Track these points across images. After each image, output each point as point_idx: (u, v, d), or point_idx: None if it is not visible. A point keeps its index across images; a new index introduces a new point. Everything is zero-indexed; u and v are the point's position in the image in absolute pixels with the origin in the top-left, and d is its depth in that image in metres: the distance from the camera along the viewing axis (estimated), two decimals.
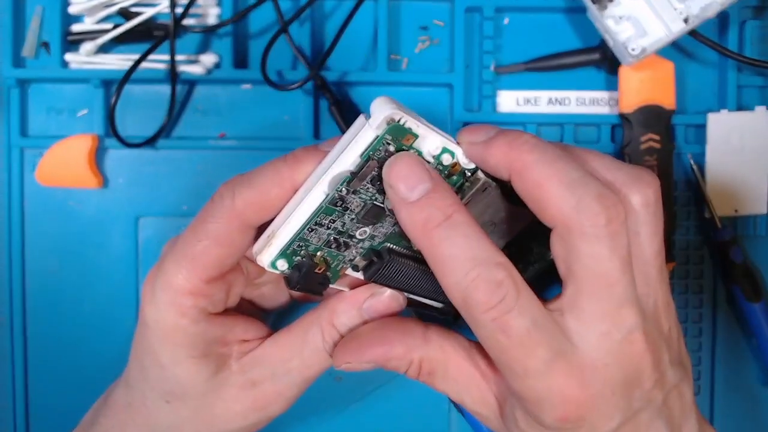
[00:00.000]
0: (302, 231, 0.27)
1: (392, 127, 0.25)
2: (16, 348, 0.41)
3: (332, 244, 0.28)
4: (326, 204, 0.26)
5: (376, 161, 0.26)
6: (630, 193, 0.26)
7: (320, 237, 0.27)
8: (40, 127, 0.42)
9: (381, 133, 0.25)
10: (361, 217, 0.27)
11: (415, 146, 0.26)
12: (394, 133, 0.25)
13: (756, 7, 0.42)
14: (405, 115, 0.25)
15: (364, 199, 0.27)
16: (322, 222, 0.27)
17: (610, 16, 0.38)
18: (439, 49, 0.43)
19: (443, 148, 0.27)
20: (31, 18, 0.41)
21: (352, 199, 0.26)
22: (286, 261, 0.27)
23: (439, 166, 0.27)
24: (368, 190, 0.27)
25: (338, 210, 0.27)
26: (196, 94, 0.42)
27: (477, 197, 0.28)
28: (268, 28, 0.42)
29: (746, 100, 0.42)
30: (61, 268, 0.42)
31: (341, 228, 0.27)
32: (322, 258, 0.28)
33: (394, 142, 0.25)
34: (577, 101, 0.42)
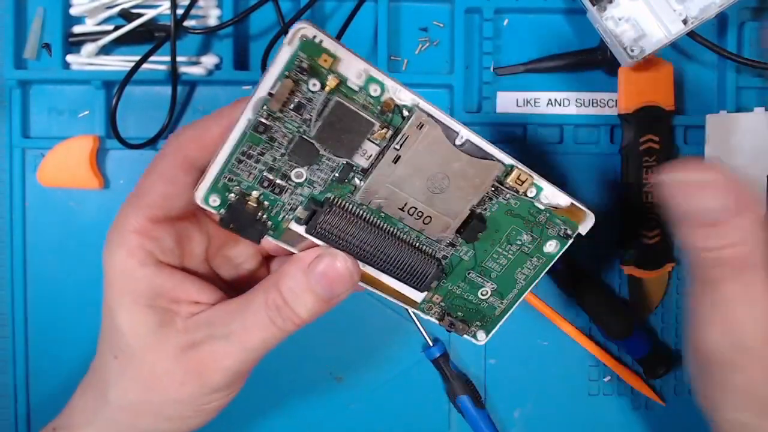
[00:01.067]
0: (230, 161, 0.26)
1: (305, 43, 0.24)
2: (17, 348, 0.42)
3: (265, 182, 0.26)
4: (250, 130, 0.25)
5: (293, 81, 0.24)
6: None
7: (251, 172, 0.26)
8: (41, 128, 0.42)
9: (293, 50, 0.24)
10: (289, 152, 0.26)
11: (337, 70, 0.25)
12: (308, 51, 0.24)
13: (755, 9, 0.42)
14: (320, 34, 0.24)
15: (290, 129, 0.25)
16: (250, 153, 0.26)
17: (610, 18, 0.38)
18: (439, 51, 0.43)
19: (369, 77, 0.25)
20: (33, 19, 0.41)
21: (278, 128, 0.25)
22: (219, 196, 0.26)
23: (368, 99, 0.25)
24: (292, 118, 0.25)
25: (264, 140, 0.25)
26: (197, 95, 0.42)
27: (416, 140, 0.26)
28: (269, 29, 0.42)
29: (745, 101, 0.42)
30: (62, 268, 0.42)
31: (272, 163, 0.26)
32: (257, 199, 0.27)
33: (309, 60, 0.24)
34: (577, 102, 0.42)
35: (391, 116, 0.26)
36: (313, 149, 0.26)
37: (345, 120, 0.25)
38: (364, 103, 0.25)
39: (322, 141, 0.25)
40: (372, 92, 0.25)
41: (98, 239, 0.42)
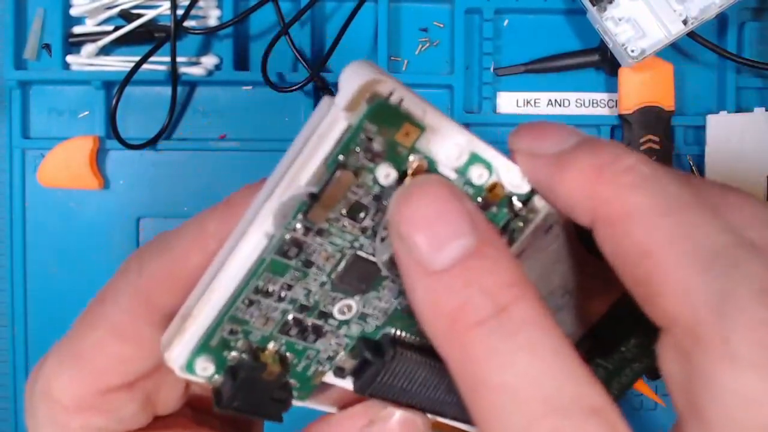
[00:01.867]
0: (234, 305, 0.16)
1: (377, 108, 0.15)
2: (17, 349, 0.42)
3: (291, 328, 0.17)
4: (271, 255, 0.16)
5: (353, 172, 0.15)
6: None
7: (268, 316, 0.17)
8: (41, 128, 0.42)
9: (357, 120, 0.15)
10: (337, 280, 0.17)
11: (421, 148, 0.16)
12: (382, 119, 0.15)
13: (755, 9, 0.42)
14: (399, 87, 0.15)
15: (338, 245, 0.16)
16: (267, 288, 0.17)
17: (610, 18, 0.38)
18: (439, 51, 0.43)
19: (472, 155, 0.16)
20: (33, 20, 0.41)
21: (318, 246, 0.16)
22: (212, 360, 0.17)
23: (466, 187, 0.17)
24: (344, 227, 0.16)
25: (294, 265, 0.16)
26: (197, 95, 0.42)
27: (536, 244, 0.18)
28: (269, 29, 0.42)
29: (745, 101, 0.42)
30: (62, 269, 0.42)
31: (305, 299, 0.17)
32: (276, 354, 0.18)
33: (383, 134, 0.15)
34: (577, 103, 0.42)
35: (495, 212, 0.17)
36: (373, 270, 0.17)
37: None
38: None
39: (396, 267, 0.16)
40: (475, 179, 0.16)
41: (98, 240, 0.42)
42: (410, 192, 0.15)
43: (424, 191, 0.15)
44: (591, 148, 0.15)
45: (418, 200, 0.15)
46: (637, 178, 0.15)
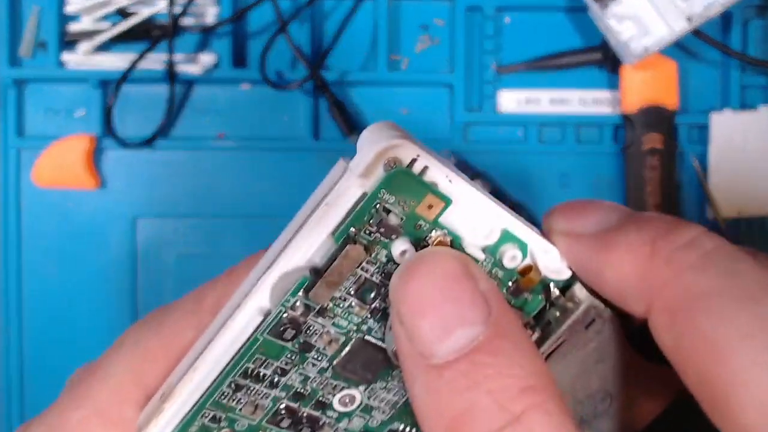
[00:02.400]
0: (219, 388, 0.15)
1: (396, 176, 0.13)
2: (12, 350, 0.41)
3: (283, 419, 0.16)
4: (266, 334, 0.14)
5: (364, 247, 0.14)
6: None
7: (257, 403, 0.15)
8: (37, 127, 0.41)
9: (373, 189, 0.13)
10: (340, 368, 0.15)
11: (445, 223, 0.14)
12: (400, 189, 0.13)
13: (759, 6, 0.42)
14: (423, 152, 0.13)
15: (343, 327, 0.15)
16: (258, 372, 0.15)
17: (612, 15, 0.38)
18: (440, 49, 0.42)
19: (504, 233, 0.15)
20: (28, 17, 0.41)
21: (320, 328, 0.15)
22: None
23: (496, 269, 0.15)
24: (351, 308, 0.15)
25: (291, 348, 0.15)
26: (195, 94, 0.42)
27: (574, 339, 0.15)
28: (267, 27, 0.42)
29: (750, 99, 0.42)
30: (58, 269, 0.41)
31: (300, 387, 0.15)
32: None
33: (400, 207, 0.14)
34: (579, 101, 0.42)
35: (528, 299, 0.15)
36: (381, 358, 0.15)
37: None
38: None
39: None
40: (507, 261, 0.15)
41: (95, 240, 0.42)
42: (415, 267, 0.13)
43: (431, 267, 0.13)
44: (640, 223, 0.13)
45: (423, 277, 0.13)
46: (701, 254, 0.12)
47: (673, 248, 0.13)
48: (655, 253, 0.13)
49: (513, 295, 0.15)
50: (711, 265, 0.12)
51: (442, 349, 0.12)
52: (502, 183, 0.41)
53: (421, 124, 0.42)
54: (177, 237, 0.41)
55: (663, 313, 0.13)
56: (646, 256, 0.13)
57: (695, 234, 0.13)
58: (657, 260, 0.13)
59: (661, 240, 0.13)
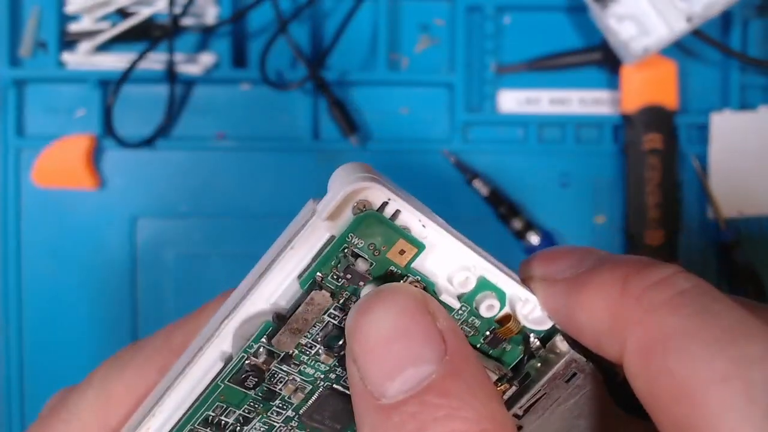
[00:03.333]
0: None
1: (365, 219, 0.13)
2: (12, 350, 0.41)
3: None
4: (225, 381, 0.14)
5: (331, 293, 0.13)
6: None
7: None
8: (36, 127, 0.41)
9: (341, 232, 0.13)
10: (306, 417, 0.15)
11: (418, 269, 0.14)
12: (370, 234, 0.13)
13: (759, 6, 0.42)
14: (395, 196, 0.13)
15: (309, 375, 0.14)
16: (220, 420, 0.14)
17: (612, 15, 0.38)
18: (440, 49, 0.42)
19: (481, 281, 0.14)
20: (29, 17, 0.41)
21: (284, 375, 0.14)
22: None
23: (471, 319, 0.14)
24: (317, 356, 0.14)
25: (253, 396, 0.14)
26: (195, 94, 0.42)
27: (554, 394, 0.15)
28: (267, 27, 0.42)
29: (750, 99, 0.42)
30: (57, 269, 0.41)
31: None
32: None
33: (370, 252, 0.13)
34: (579, 101, 0.42)
35: (506, 349, 0.15)
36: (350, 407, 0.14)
37: None
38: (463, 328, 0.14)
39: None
40: (484, 311, 0.14)
41: (94, 240, 0.42)
42: (370, 303, 0.12)
43: (387, 302, 0.12)
44: (613, 263, 0.13)
45: (377, 312, 0.12)
46: (675, 293, 0.12)
47: (645, 286, 0.12)
48: (626, 291, 0.12)
49: (490, 345, 0.14)
50: (685, 303, 0.12)
51: (391, 388, 0.11)
52: (502, 183, 0.41)
53: (421, 124, 0.42)
54: (177, 237, 0.41)
55: (635, 355, 0.12)
56: (618, 294, 0.12)
57: (670, 272, 0.12)
58: (628, 299, 0.12)
59: (633, 278, 0.12)
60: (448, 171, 0.41)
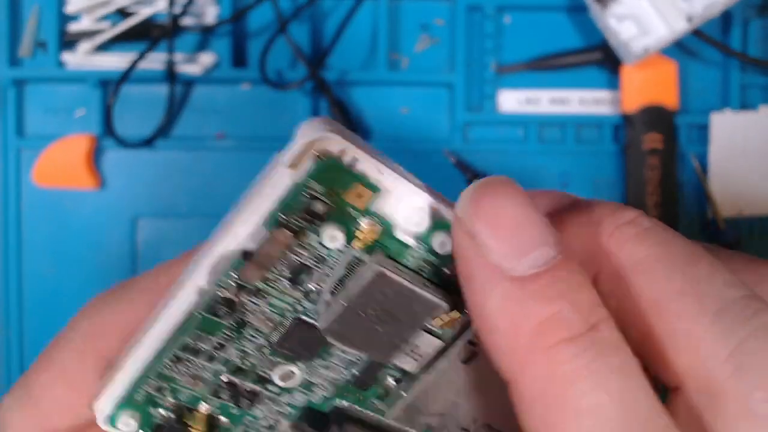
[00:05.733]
0: (160, 361, 0.16)
1: (324, 167, 0.14)
2: (12, 351, 0.41)
3: (224, 392, 0.17)
4: (201, 311, 0.15)
5: (293, 231, 0.15)
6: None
7: (198, 375, 0.16)
8: (36, 127, 0.41)
9: (302, 178, 0.14)
10: (277, 345, 0.16)
11: (375, 211, 0.15)
12: (329, 180, 0.14)
13: (760, 6, 0.42)
14: (351, 146, 0.14)
15: (278, 307, 0.16)
16: (197, 346, 0.16)
17: (612, 15, 0.38)
18: (440, 49, 0.42)
19: (436, 221, 0.15)
20: (28, 17, 0.41)
21: (254, 307, 0.16)
22: (137, 416, 0.16)
23: (428, 259, 0.15)
24: (285, 290, 0.15)
25: (227, 325, 0.16)
26: (195, 93, 0.42)
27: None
28: (267, 27, 0.42)
29: (750, 99, 0.42)
30: (58, 269, 0.41)
31: (239, 362, 0.16)
32: (207, 416, 0.17)
33: (330, 197, 0.14)
34: (579, 101, 0.42)
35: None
36: (318, 339, 0.16)
37: (387, 301, 0.15)
38: (419, 265, 0.16)
39: (342, 337, 0.16)
40: (438, 247, 0.15)
41: (94, 240, 0.42)
42: (493, 187, 0.14)
43: (507, 192, 0.14)
44: (587, 206, 0.15)
45: (500, 199, 0.13)
46: (640, 230, 0.14)
47: (616, 225, 0.15)
48: (601, 231, 0.15)
49: (451, 282, 0.15)
50: (649, 237, 0.14)
51: (522, 264, 0.13)
52: None
53: (421, 124, 0.42)
54: (177, 237, 0.41)
55: (608, 280, 0.15)
56: (594, 233, 0.15)
57: (635, 214, 0.15)
58: (603, 236, 0.15)
59: (606, 219, 0.15)
60: (448, 171, 0.41)
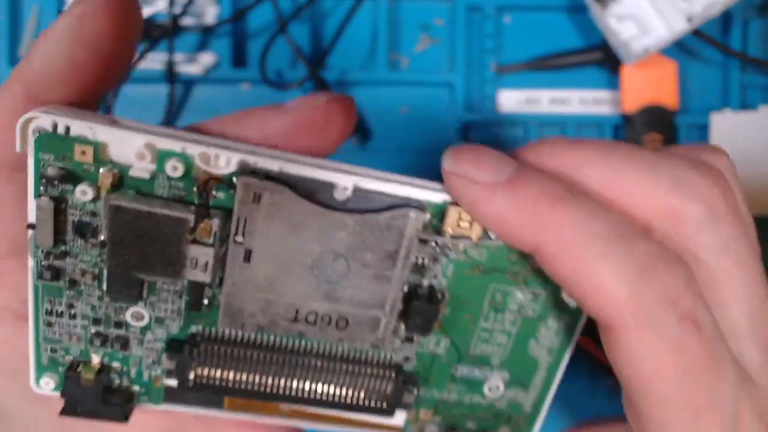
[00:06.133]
0: (38, 329, 0.20)
1: (43, 140, 0.17)
2: None
3: (97, 340, 0.20)
4: (39, 281, 0.19)
5: (52, 198, 0.17)
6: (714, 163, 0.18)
7: (72, 333, 0.20)
8: None
9: (32, 155, 0.17)
10: (107, 293, 0.19)
11: (110, 159, 0.17)
12: (53, 149, 0.17)
13: (760, 6, 0.42)
14: (61, 117, 0.17)
15: (88, 261, 0.19)
16: (59, 310, 0.19)
17: (612, 15, 0.38)
18: (440, 49, 0.42)
19: (159, 153, 0.17)
20: (28, 17, 0.41)
21: (71, 266, 0.19)
22: (52, 376, 0.20)
23: (175, 185, 0.18)
24: (83, 248, 0.18)
25: (63, 287, 0.19)
26: (195, 94, 0.42)
27: (256, 214, 0.18)
28: (267, 27, 0.42)
29: (750, 99, 0.42)
30: None
31: (94, 313, 0.19)
32: (100, 365, 0.20)
33: (60, 162, 0.17)
34: (579, 101, 0.42)
35: (214, 197, 0.18)
36: (131, 279, 0.18)
37: (138, 228, 0.17)
38: (173, 193, 0.18)
39: (128, 267, 0.18)
40: (172, 173, 0.17)
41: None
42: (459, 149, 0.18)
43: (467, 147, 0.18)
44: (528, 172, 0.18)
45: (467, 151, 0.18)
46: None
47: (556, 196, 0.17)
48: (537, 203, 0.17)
49: (202, 197, 0.18)
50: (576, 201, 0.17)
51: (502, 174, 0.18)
52: None
53: (421, 124, 0.42)
54: None
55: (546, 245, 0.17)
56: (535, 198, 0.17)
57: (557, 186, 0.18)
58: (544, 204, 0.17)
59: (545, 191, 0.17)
60: None
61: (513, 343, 0.21)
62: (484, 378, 0.22)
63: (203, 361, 0.20)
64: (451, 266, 0.19)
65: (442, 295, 0.20)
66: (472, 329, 0.21)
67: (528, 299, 0.20)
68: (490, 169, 0.17)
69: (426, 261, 0.19)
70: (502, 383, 0.22)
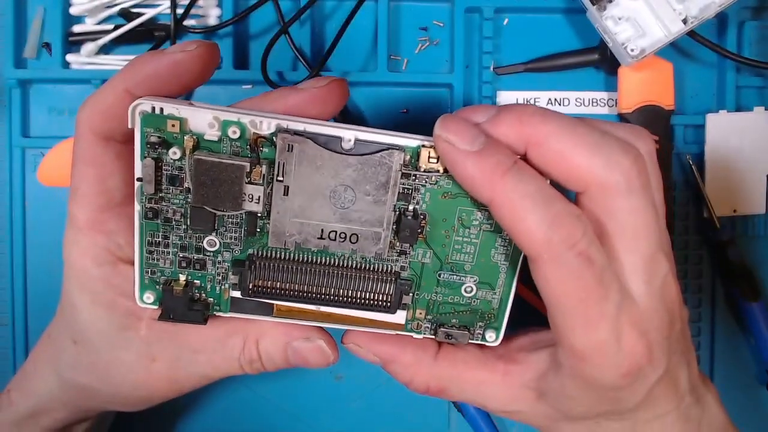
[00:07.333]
0: (143, 257, 0.26)
1: (146, 119, 0.24)
2: (17, 349, 0.42)
3: (184, 262, 0.27)
4: (144, 220, 0.26)
5: (152, 158, 0.24)
6: (638, 147, 0.25)
7: (165, 259, 0.27)
8: (41, 127, 0.42)
9: (139, 129, 0.24)
10: (189, 226, 0.26)
11: (190, 129, 0.24)
12: (153, 124, 0.24)
13: (755, 8, 0.42)
14: (158, 103, 0.24)
15: (178, 204, 0.26)
16: (155, 241, 0.26)
17: (609, 17, 0.38)
18: (439, 50, 0.43)
19: (223, 122, 0.24)
20: (33, 19, 0.41)
21: (167, 208, 0.26)
22: (151, 293, 0.27)
23: (235, 144, 0.25)
24: (174, 193, 0.25)
25: (160, 224, 0.26)
26: (197, 94, 0.42)
27: (294, 164, 0.25)
28: (269, 28, 0.42)
29: (745, 100, 0.42)
30: (61, 267, 0.41)
31: (180, 242, 0.26)
32: (186, 282, 0.27)
33: (158, 133, 0.24)
34: (576, 101, 0.42)
35: (262, 151, 0.25)
36: (207, 214, 0.25)
37: (212, 174, 0.24)
38: (234, 150, 0.25)
39: (206, 203, 0.25)
40: (232, 135, 0.24)
41: None
42: (445, 118, 0.24)
43: (451, 117, 0.24)
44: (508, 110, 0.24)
45: (451, 120, 0.24)
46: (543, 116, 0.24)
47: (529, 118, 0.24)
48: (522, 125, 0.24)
49: (253, 151, 0.25)
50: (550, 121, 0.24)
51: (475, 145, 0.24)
52: None
53: (421, 124, 0.42)
54: None
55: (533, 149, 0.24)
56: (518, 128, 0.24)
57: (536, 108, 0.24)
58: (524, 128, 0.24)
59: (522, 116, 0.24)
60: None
61: (478, 252, 0.27)
62: (461, 282, 0.28)
63: (258, 274, 0.27)
64: (428, 193, 0.26)
65: (424, 215, 0.26)
66: (448, 242, 0.27)
67: (485, 217, 0.26)
68: (467, 140, 0.23)
69: (410, 190, 0.26)
70: (474, 285, 0.28)
